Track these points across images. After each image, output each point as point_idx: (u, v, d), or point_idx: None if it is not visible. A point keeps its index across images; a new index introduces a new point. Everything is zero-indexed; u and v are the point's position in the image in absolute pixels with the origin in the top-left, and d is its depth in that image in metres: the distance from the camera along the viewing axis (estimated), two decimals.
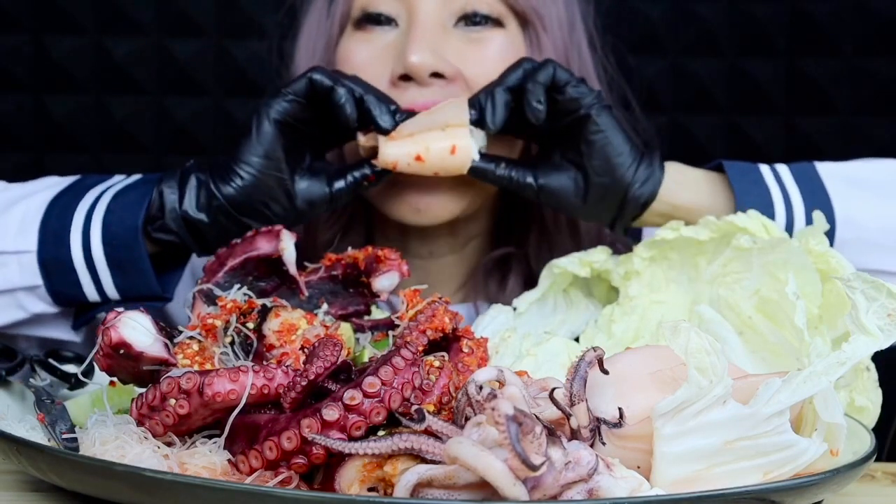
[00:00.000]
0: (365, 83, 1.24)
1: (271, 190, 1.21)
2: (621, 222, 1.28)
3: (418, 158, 1.21)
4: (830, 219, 1.24)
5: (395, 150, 1.21)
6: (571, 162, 1.25)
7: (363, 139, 1.24)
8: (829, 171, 1.30)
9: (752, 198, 1.25)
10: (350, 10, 1.36)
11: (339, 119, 1.21)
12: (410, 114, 1.23)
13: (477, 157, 1.23)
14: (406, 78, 1.29)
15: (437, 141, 1.21)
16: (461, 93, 1.28)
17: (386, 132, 1.21)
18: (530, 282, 1.40)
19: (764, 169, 1.29)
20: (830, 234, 1.25)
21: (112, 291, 1.22)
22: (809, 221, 1.25)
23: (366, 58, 1.33)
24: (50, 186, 1.27)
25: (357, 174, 1.24)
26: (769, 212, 1.24)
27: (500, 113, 1.23)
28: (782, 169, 1.30)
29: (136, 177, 1.27)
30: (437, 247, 1.42)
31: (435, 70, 1.28)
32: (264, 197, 1.21)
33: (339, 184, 1.24)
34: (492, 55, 1.32)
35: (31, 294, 1.23)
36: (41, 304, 1.24)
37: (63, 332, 1.29)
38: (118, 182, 1.26)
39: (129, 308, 0.95)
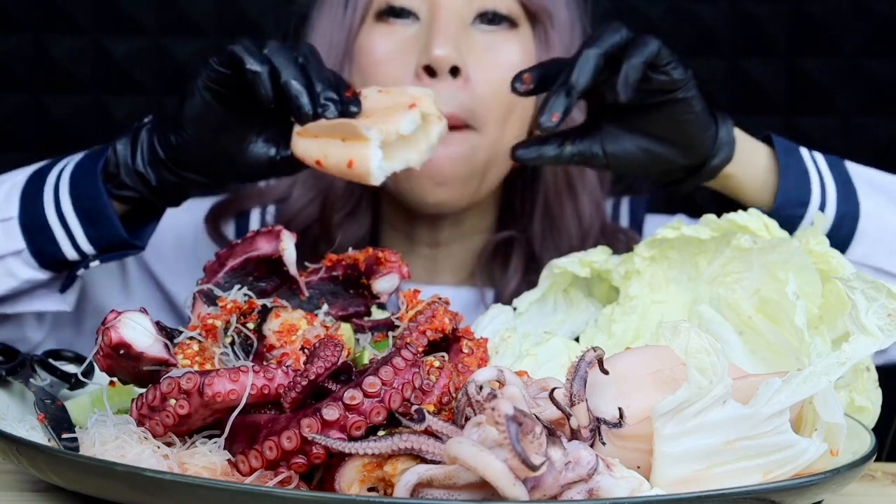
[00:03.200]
0: (312, 65, 1.16)
1: (207, 149, 1.20)
2: (686, 186, 1.27)
3: (317, 163, 1.15)
4: (855, 213, 1.25)
5: (302, 147, 1.16)
6: (642, 129, 1.22)
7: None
8: (854, 169, 1.32)
9: (793, 173, 1.27)
10: (371, 2, 1.38)
11: (256, 97, 1.15)
12: (347, 103, 1.15)
13: (377, 172, 1.13)
14: (429, 70, 1.31)
15: (336, 151, 1.14)
16: (473, 96, 1.30)
17: (298, 122, 1.15)
18: (532, 265, 1.43)
19: (803, 150, 1.31)
20: (851, 229, 1.26)
21: (85, 244, 1.24)
22: (841, 205, 1.26)
23: (390, 50, 1.35)
24: (36, 166, 1.32)
25: None
26: (806, 190, 1.24)
27: (585, 77, 1.13)
28: (816, 154, 1.31)
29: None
30: (443, 236, 1.44)
31: (455, 65, 1.30)
32: (201, 155, 1.21)
33: (287, 152, 1.20)
34: (505, 61, 1.34)
35: (17, 258, 1.27)
36: (29, 270, 1.27)
37: (56, 303, 1.32)
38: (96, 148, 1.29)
39: (129, 308, 0.95)
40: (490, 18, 1.35)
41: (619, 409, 0.87)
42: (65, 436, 0.94)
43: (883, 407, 1.08)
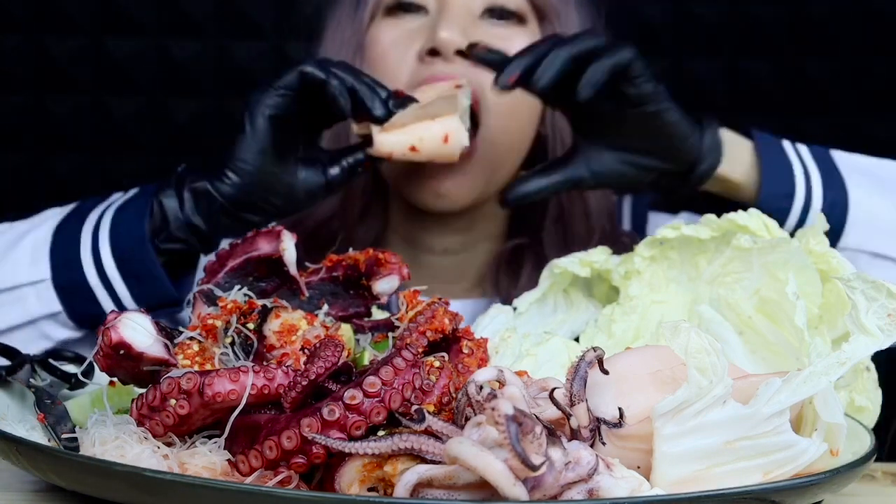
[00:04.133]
0: (356, 71, 1.23)
1: (270, 184, 1.21)
2: (680, 193, 1.29)
3: (412, 149, 1.22)
4: (843, 201, 1.26)
5: (390, 140, 1.22)
6: (621, 145, 1.24)
7: (356, 128, 1.25)
8: (841, 158, 1.33)
9: (776, 167, 1.28)
10: (381, 1, 1.39)
11: (333, 110, 1.20)
12: (404, 99, 1.23)
13: (467, 142, 1.24)
14: (434, 53, 1.32)
15: (430, 130, 1.23)
16: (483, 74, 1.29)
17: (380, 122, 1.21)
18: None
19: (786, 143, 1.32)
20: (842, 216, 1.26)
21: (130, 304, 1.23)
22: (828, 194, 1.26)
23: (394, 38, 1.36)
24: (52, 217, 1.29)
25: (351, 160, 1.25)
26: (789, 183, 1.24)
27: (550, 74, 1.16)
28: (801, 146, 1.32)
29: (132, 191, 1.28)
30: (451, 243, 1.43)
31: (461, 48, 1.30)
32: (264, 192, 1.21)
33: (335, 170, 1.24)
34: (516, 50, 1.33)
35: (52, 321, 1.25)
36: (65, 330, 1.26)
37: (88, 351, 1.30)
38: (116, 199, 1.27)
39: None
40: (499, 14, 1.36)
41: (619, 409, 0.87)
42: (65, 436, 0.94)
43: (883, 407, 1.08)
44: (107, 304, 1.23)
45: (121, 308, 1.23)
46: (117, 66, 1.96)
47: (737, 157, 1.29)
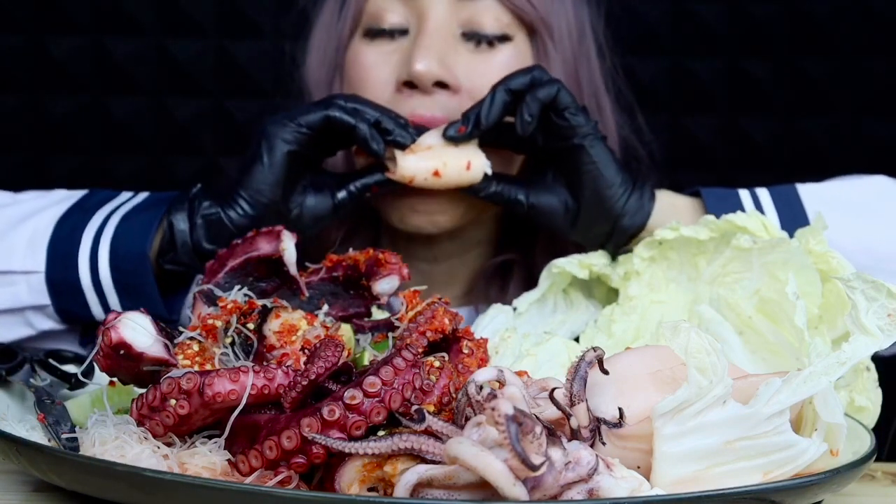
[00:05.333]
0: (374, 104, 1.24)
1: (279, 213, 1.22)
2: (609, 248, 1.29)
3: (436, 174, 1.22)
4: None
5: (414, 165, 1.22)
6: (563, 185, 1.26)
7: (364, 158, 1.27)
8: (813, 193, 1.31)
9: None
10: (360, 17, 1.36)
11: (364, 150, 1.23)
12: (420, 128, 1.24)
13: (489, 170, 1.24)
14: (411, 85, 1.29)
15: (454, 156, 1.22)
16: (463, 104, 1.27)
17: (403, 148, 1.22)
18: (531, 288, 1.39)
19: (743, 194, 1.30)
20: None
21: None
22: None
23: (374, 61, 1.33)
24: (59, 202, 1.28)
25: (359, 184, 1.25)
26: None
27: (494, 111, 1.22)
28: (762, 193, 1.30)
29: (143, 195, 1.28)
30: (441, 252, 1.42)
31: (439, 79, 1.28)
32: (274, 220, 1.21)
33: (342, 194, 1.25)
34: (498, 69, 1.31)
35: (39, 312, 1.25)
36: (49, 322, 1.26)
37: (70, 346, 1.30)
38: (127, 201, 1.27)
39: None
40: (477, 40, 1.33)
41: (619, 409, 0.87)
42: (65, 436, 0.94)
43: (883, 407, 1.08)
44: (96, 308, 1.23)
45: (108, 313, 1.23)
46: (117, 66, 1.96)
47: (678, 216, 1.28)
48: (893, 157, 1.96)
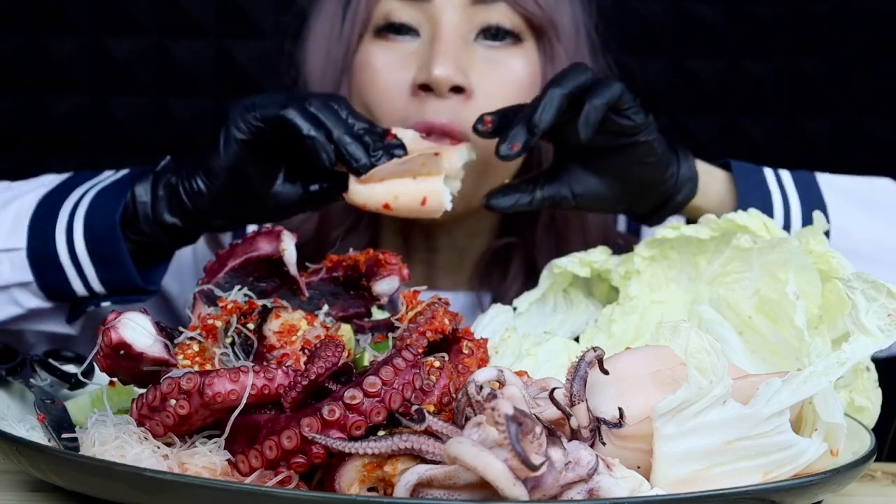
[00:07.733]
0: (342, 119, 1.17)
1: (239, 196, 1.21)
2: (653, 221, 1.30)
3: (386, 206, 1.16)
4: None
5: (365, 193, 1.16)
6: (606, 170, 1.24)
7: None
8: (828, 182, 1.33)
9: (753, 199, 1.27)
10: (370, 18, 1.35)
11: (314, 159, 1.16)
12: (388, 146, 1.17)
13: (449, 206, 1.17)
14: (426, 88, 1.29)
15: (407, 189, 1.16)
16: (476, 111, 1.24)
17: (358, 174, 1.16)
18: (531, 273, 1.41)
19: (767, 172, 1.31)
20: None
21: (97, 285, 1.24)
22: (807, 222, 1.26)
23: (387, 63, 1.33)
24: (44, 185, 1.30)
25: (329, 185, 1.22)
26: (768, 213, 1.25)
27: (549, 114, 1.15)
28: (784, 174, 1.32)
29: (121, 172, 1.28)
30: (440, 243, 1.43)
31: (456, 84, 1.28)
32: (232, 203, 1.21)
33: (314, 187, 1.21)
34: (511, 78, 1.32)
35: (24, 290, 1.26)
36: (35, 300, 1.26)
37: (60, 326, 1.31)
38: (105, 178, 1.28)
39: (130, 309, 0.95)
40: (493, 34, 1.33)
41: (619, 409, 0.87)
42: (65, 436, 0.94)
43: (883, 407, 1.08)
44: (75, 282, 1.23)
45: (88, 287, 1.23)
46: (117, 66, 1.96)
47: (711, 187, 1.29)
48: (893, 157, 1.96)
